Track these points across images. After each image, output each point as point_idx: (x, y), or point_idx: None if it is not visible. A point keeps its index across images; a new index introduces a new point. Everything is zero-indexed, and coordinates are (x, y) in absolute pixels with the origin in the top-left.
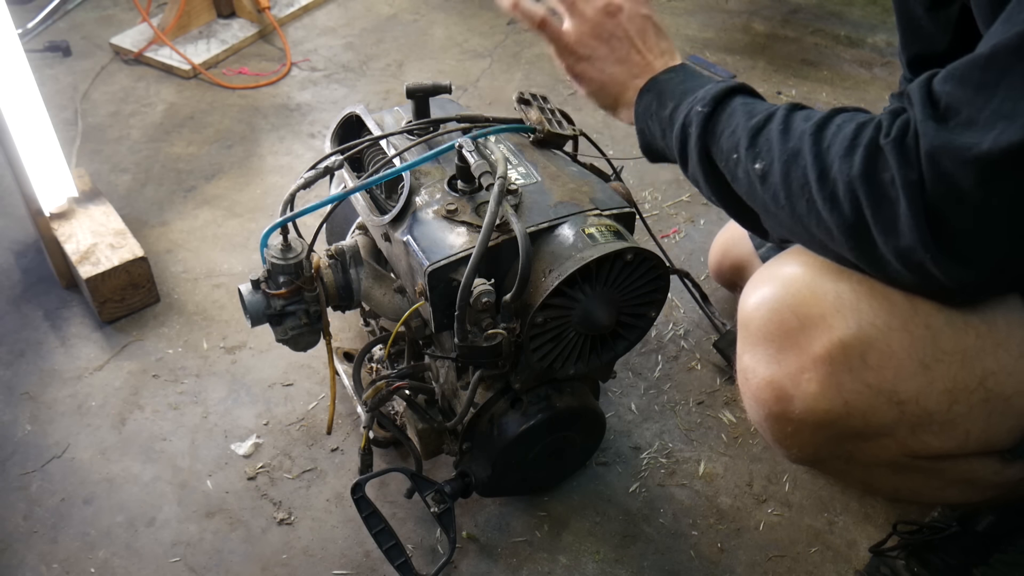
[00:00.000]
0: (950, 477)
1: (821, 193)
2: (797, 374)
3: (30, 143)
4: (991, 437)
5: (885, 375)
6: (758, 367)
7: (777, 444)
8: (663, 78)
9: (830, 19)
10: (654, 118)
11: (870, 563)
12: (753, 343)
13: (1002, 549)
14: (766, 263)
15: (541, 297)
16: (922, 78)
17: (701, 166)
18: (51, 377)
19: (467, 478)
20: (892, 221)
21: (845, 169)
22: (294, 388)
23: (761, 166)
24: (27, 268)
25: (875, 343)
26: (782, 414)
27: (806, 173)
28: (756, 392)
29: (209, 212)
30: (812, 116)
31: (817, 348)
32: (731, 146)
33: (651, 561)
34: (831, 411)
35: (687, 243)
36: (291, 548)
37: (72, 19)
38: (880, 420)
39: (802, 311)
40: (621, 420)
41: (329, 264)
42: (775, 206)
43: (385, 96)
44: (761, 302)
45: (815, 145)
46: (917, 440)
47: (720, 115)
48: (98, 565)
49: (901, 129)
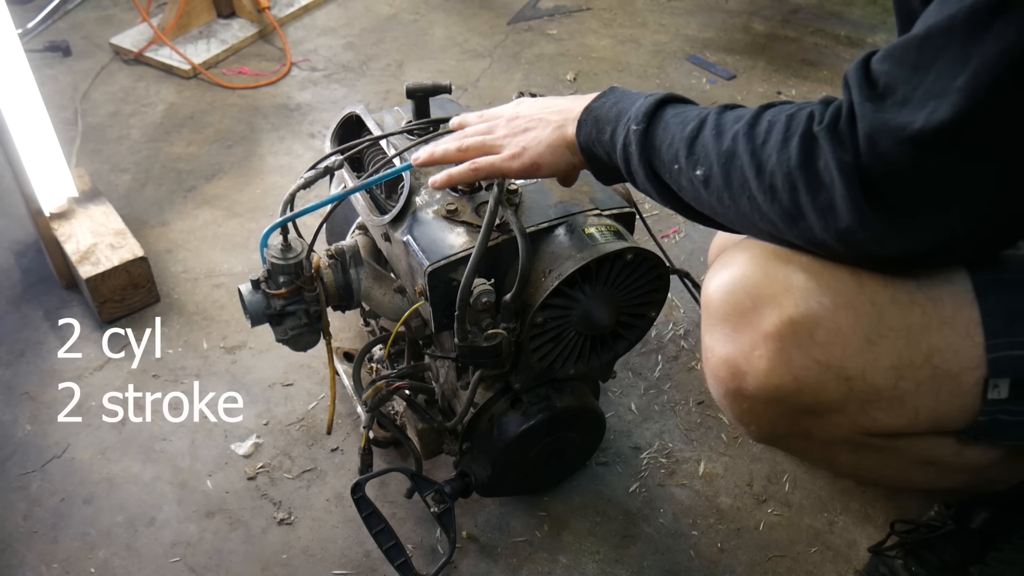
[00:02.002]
0: (909, 457)
1: (760, 188)
2: (749, 351)
3: (30, 143)
4: (942, 416)
5: (832, 351)
6: (715, 346)
7: (737, 421)
8: (595, 105)
9: (830, 19)
10: (596, 144)
11: (869, 563)
12: (712, 324)
13: (997, 547)
14: (727, 250)
15: (541, 297)
16: (859, 59)
17: (649, 181)
18: (51, 377)
19: (467, 478)
20: (830, 206)
21: (783, 161)
22: (294, 388)
23: (702, 172)
24: (27, 268)
25: (822, 320)
26: (738, 391)
27: (744, 171)
28: (714, 370)
29: (209, 212)
30: (743, 115)
31: (767, 325)
32: (671, 157)
33: (651, 561)
34: (781, 387)
35: (687, 243)
36: (291, 548)
37: (72, 19)
38: (829, 396)
39: (755, 292)
40: (621, 420)
41: (329, 264)
42: (721, 207)
43: (385, 96)
44: (720, 285)
45: (749, 143)
46: (867, 416)
47: (655, 129)
48: (98, 565)
49: (833, 115)
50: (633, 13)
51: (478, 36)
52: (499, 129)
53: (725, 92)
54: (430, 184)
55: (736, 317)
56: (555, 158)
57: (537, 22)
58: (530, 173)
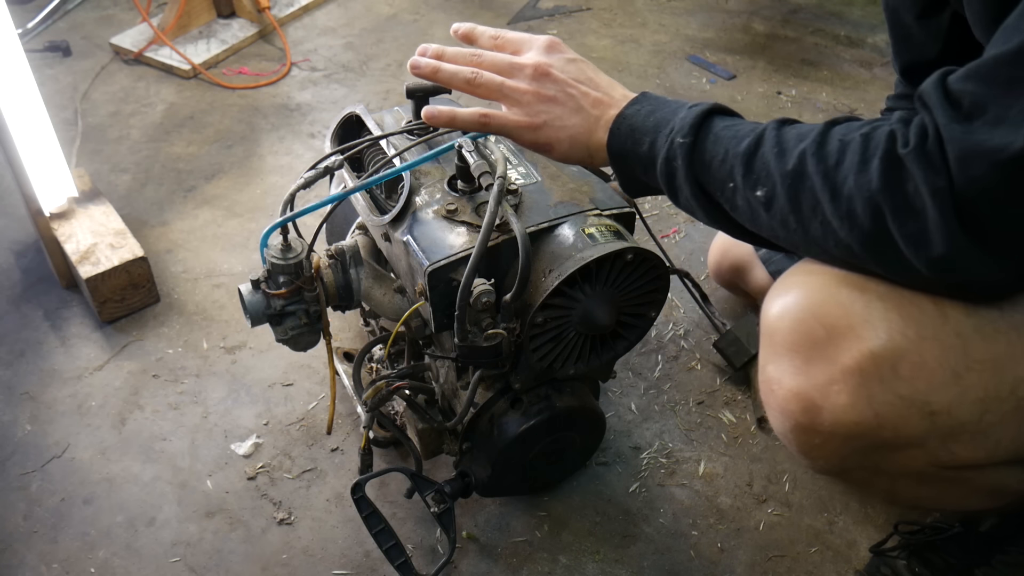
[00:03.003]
0: (975, 486)
1: (836, 213)
2: (826, 386)
3: (30, 143)
4: (1020, 446)
5: (917, 386)
6: (784, 378)
7: (803, 455)
8: (628, 112)
9: (830, 19)
10: (630, 156)
11: (870, 563)
12: (778, 353)
13: (1004, 550)
14: (788, 270)
15: (541, 297)
16: (934, 79)
17: (695, 199)
18: (51, 377)
19: (467, 478)
20: (922, 232)
21: (863, 184)
22: (294, 388)
23: (763, 193)
24: (27, 268)
25: (906, 353)
26: (810, 426)
27: (815, 194)
28: (783, 404)
29: (209, 212)
30: (805, 132)
31: (846, 359)
32: (724, 175)
33: (651, 561)
34: (861, 423)
35: (687, 243)
36: (291, 548)
37: (72, 19)
38: (911, 431)
39: (828, 321)
40: (621, 420)
41: (329, 264)
42: (785, 231)
43: (385, 96)
44: (785, 311)
45: (820, 163)
46: (946, 451)
47: (704, 143)
48: (98, 565)
49: (919, 136)
50: (633, 13)
51: None
52: (520, 78)
53: (725, 92)
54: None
55: (808, 348)
56: (571, 150)
57: (537, 22)
58: (539, 150)
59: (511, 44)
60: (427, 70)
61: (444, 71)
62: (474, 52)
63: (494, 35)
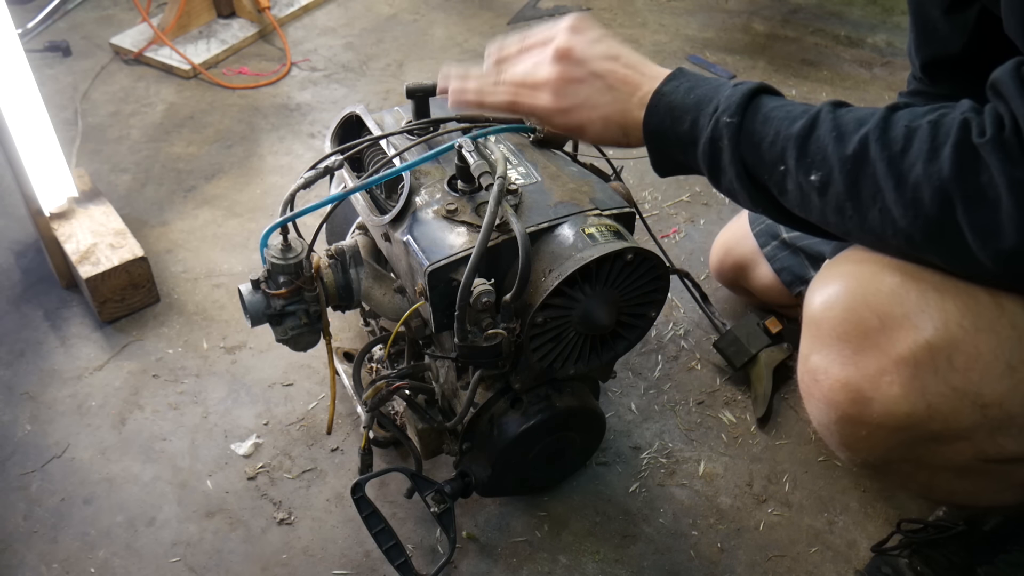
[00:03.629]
0: (1014, 480)
1: (899, 200)
2: (877, 376)
3: (30, 143)
4: None
5: (971, 377)
6: (831, 368)
7: (846, 448)
8: (666, 89)
9: (830, 19)
10: (669, 135)
11: (871, 562)
12: (825, 343)
13: (1007, 549)
14: (832, 259)
15: (541, 297)
16: (1010, 69)
17: (740, 181)
18: (51, 377)
19: (467, 478)
20: (993, 223)
21: (933, 173)
22: (294, 388)
23: (817, 177)
24: (27, 268)
25: (961, 344)
26: (857, 417)
27: (878, 181)
28: (829, 394)
29: (209, 212)
30: (865, 117)
31: (901, 349)
32: (774, 157)
33: (651, 561)
34: (912, 414)
35: (687, 243)
36: (291, 548)
37: (72, 19)
38: (961, 423)
39: (883, 310)
40: (621, 420)
41: (329, 264)
42: (838, 217)
43: (385, 96)
44: (834, 301)
45: (884, 149)
46: (994, 443)
47: (752, 123)
48: (98, 565)
49: (996, 126)
50: (633, 13)
51: (478, 36)
52: (543, 67)
53: None
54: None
55: (859, 337)
56: (604, 131)
57: (537, 22)
58: (570, 134)
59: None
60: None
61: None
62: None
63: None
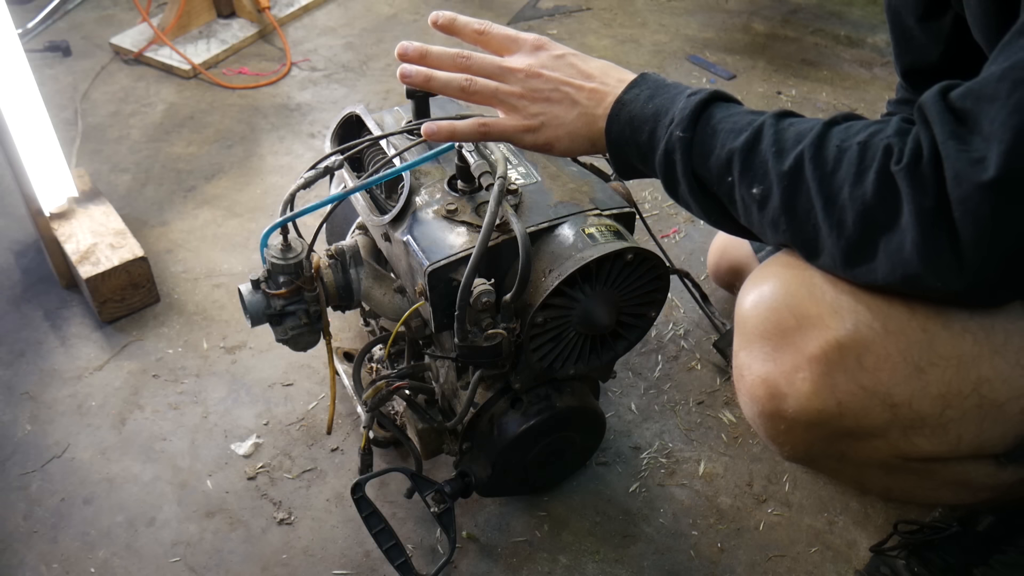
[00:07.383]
0: (943, 479)
1: (828, 220)
2: (791, 372)
3: (30, 143)
4: (983, 442)
5: (880, 377)
6: (753, 364)
7: (770, 441)
8: (627, 98)
9: (830, 19)
10: (629, 144)
11: (870, 562)
12: (749, 341)
13: (1001, 550)
14: (764, 263)
15: (541, 297)
16: (935, 92)
17: (692, 193)
18: (51, 377)
19: (467, 478)
20: (899, 249)
21: (857, 197)
22: (294, 388)
23: (759, 191)
24: (27, 268)
25: (871, 345)
26: (775, 412)
27: (811, 199)
28: (750, 389)
29: (209, 212)
30: (804, 131)
31: (812, 347)
32: (721, 169)
33: (651, 561)
34: (824, 411)
35: (687, 243)
36: (291, 548)
37: (72, 19)
38: (872, 422)
39: (799, 310)
40: (621, 420)
41: (329, 264)
42: (774, 231)
43: (385, 96)
44: (759, 300)
45: (817, 168)
46: (908, 442)
47: (703, 135)
48: (98, 565)
49: (913, 154)
50: (633, 13)
51: None
52: (513, 82)
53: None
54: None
55: (777, 336)
56: (572, 144)
57: (537, 22)
58: (540, 151)
59: (496, 41)
60: (419, 79)
61: (437, 80)
62: (461, 53)
63: (478, 29)
